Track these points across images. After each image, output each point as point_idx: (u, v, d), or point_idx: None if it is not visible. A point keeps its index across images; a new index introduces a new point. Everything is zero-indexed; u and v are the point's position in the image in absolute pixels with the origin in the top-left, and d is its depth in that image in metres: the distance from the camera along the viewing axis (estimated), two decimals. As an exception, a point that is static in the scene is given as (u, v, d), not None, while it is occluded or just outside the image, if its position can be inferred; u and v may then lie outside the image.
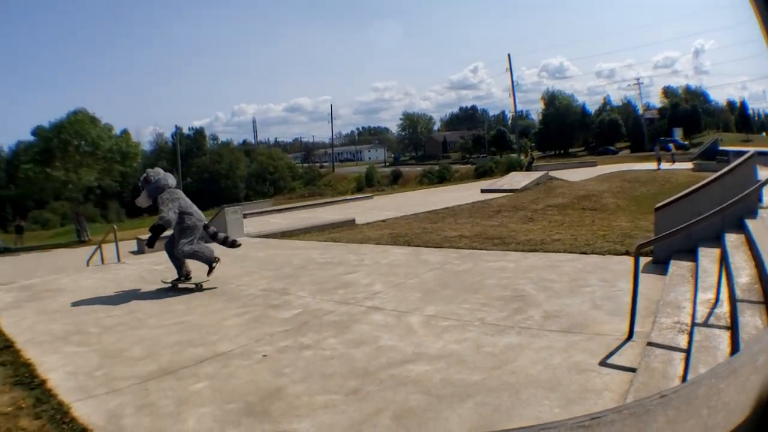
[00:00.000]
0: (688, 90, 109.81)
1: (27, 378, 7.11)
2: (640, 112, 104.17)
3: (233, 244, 12.62)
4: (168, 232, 11.76)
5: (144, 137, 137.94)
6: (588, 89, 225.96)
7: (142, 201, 12.20)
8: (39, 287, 13.13)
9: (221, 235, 12.53)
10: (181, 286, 11.79)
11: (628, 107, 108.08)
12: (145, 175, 12.19)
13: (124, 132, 50.71)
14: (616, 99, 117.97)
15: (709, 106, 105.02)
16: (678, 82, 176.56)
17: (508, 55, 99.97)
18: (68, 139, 44.28)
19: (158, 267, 13.95)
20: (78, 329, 9.17)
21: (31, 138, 47.66)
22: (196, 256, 11.72)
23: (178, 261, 11.82)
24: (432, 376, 5.97)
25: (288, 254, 15.15)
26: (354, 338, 7.58)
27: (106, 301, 11.08)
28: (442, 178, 77.26)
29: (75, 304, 11.11)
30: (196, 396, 6.16)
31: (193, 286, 11.69)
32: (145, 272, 13.94)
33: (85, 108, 47.14)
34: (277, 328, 8.41)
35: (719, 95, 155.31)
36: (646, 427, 1.44)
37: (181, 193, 11.96)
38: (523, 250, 12.59)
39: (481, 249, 13.31)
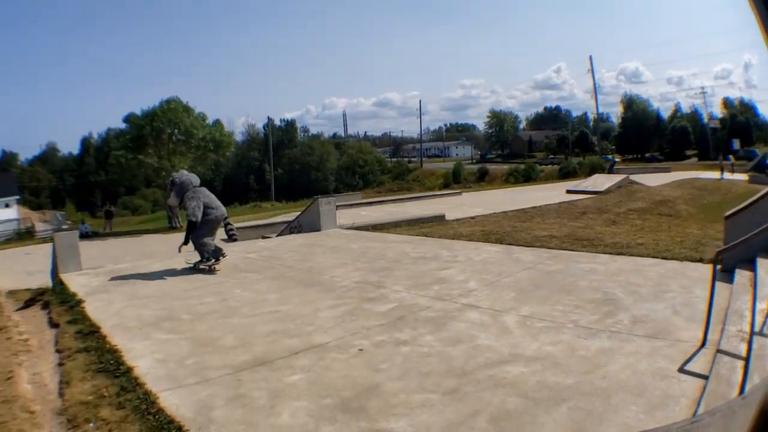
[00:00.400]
0: (741, 102, 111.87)
1: (112, 365, 6.94)
2: (705, 121, 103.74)
3: (230, 238, 14.00)
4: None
5: (236, 127, 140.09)
6: (660, 95, 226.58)
7: (172, 201, 13.85)
8: (128, 272, 13.13)
9: (230, 229, 13.89)
10: (201, 266, 12.91)
11: (694, 116, 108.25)
12: (171, 178, 13.78)
13: (217, 121, 51.12)
14: (685, 107, 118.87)
15: (758, 119, 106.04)
16: (734, 94, 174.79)
17: (590, 57, 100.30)
18: (161, 127, 44.89)
19: (251, 255, 13.99)
20: (169, 315, 9.07)
21: (121, 125, 48.43)
22: (202, 247, 12.83)
23: (199, 246, 12.89)
24: (528, 379, 5.85)
25: (381, 247, 15.00)
26: (450, 336, 7.37)
27: (199, 289, 11.02)
28: (527, 178, 77.68)
29: (166, 290, 11.08)
30: (290, 388, 5.98)
31: (206, 268, 12.83)
32: (238, 260, 13.89)
33: (177, 96, 47.95)
34: (372, 321, 8.22)
35: (766, 110, 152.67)
36: (733, 426, 1.67)
37: (204, 191, 13.25)
38: (610, 253, 12.40)
39: (571, 250, 13.12)
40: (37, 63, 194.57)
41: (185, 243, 12.95)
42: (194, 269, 12.88)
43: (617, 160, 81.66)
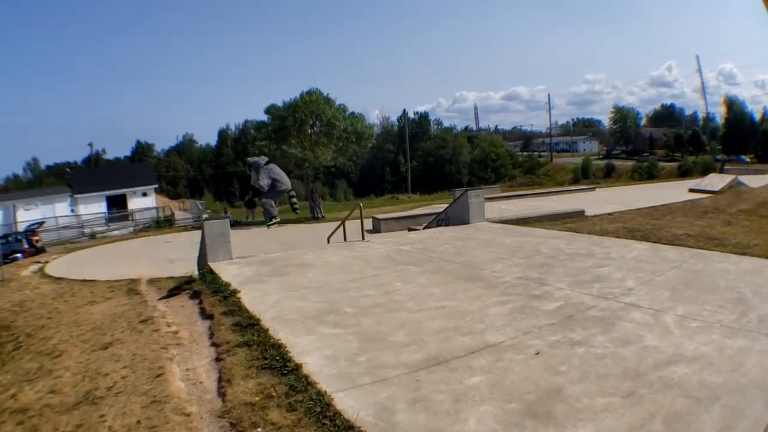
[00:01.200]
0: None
1: (278, 361, 6.72)
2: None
3: (292, 207, 18.51)
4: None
5: (370, 120, 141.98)
6: (751, 97, 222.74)
7: (253, 178, 16.84)
8: (281, 262, 13.09)
9: (293, 200, 18.17)
10: (268, 225, 17.55)
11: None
12: (248, 162, 17.56)
13: (353, 113, 51.25)
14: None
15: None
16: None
17: (697, 57, 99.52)
18: (304, 118, 45.56)
19: (404, 248, 13.92)
20: (332, 308, 8.85)
21: (258, 118, 49.12)
22: (265, 206, 16.97)
23: (263, 205, 17.04)
24: (690, 379, 5.93)
25: (534, 242, 14.70)
26: (620, 336, 7.29)
27: (358, 280, 10.82)
28: (650, 175, 79.84)
29: (324, 281, 10.92)
30: (472, 391, 5.72)
31: (267, 227, 17.66)
32: (392, 252, 13.74)
33: (318, 88, 48.56)
34: (543, 320, 8.00)
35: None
36: None
37: (272, 168, 16.74)
38: (736, 253, 12.59)
39: (706, 249, 13.22)
40: (173, 57, 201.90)
41: (247, 205, 18.07)
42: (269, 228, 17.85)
43: (747, 160, 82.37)
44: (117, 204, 63.60)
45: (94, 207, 60.92)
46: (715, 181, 34.53)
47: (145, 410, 6.00)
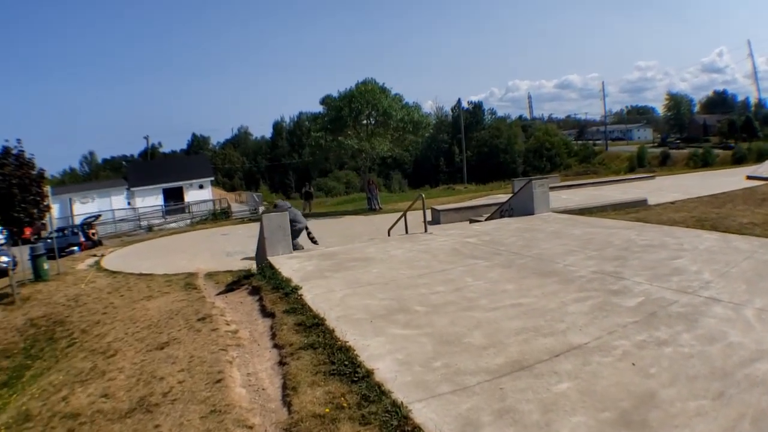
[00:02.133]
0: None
1: (346, 366, 6.32)
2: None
3: (312, 241, 19.99)
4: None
5: (423, 110, 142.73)
6: None
7: None
8: (343, 255, 12.79)
9: (311, 235, 20.29)
10: None
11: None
12: (275, 203, 21.58)
13: (407, 104, 50.74)
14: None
15: None
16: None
17: (748, 41, 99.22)
18: (360, 108, 44.84)
19: (470, 240, 13.57)
20: (400, 306, 8.41)
21: (312, 109, 48.89)
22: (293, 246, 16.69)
23: (294, 247, 16.54)
24: None
25: (604, 233, 14.27)
26: (704, 333, 6.95)
27: (425, 275, 10.40)
28: (705, 162, 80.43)
29: (390, 276, 10.52)
30: (562, 400, 5.33)
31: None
32: (458, 244, 13.33)
33: (373, 78, 47.80)
34: (626, 318, 7.59)
35: None
36: None
37: (292, 211, 18.76)
38: None
39: None
40: (227, 52, 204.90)
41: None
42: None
43: None
44: (173, 196, 64.21)
45: (150, 200, 61.69)
46: (772, 168, 34.66)
47: (204, 421, 5.68)
